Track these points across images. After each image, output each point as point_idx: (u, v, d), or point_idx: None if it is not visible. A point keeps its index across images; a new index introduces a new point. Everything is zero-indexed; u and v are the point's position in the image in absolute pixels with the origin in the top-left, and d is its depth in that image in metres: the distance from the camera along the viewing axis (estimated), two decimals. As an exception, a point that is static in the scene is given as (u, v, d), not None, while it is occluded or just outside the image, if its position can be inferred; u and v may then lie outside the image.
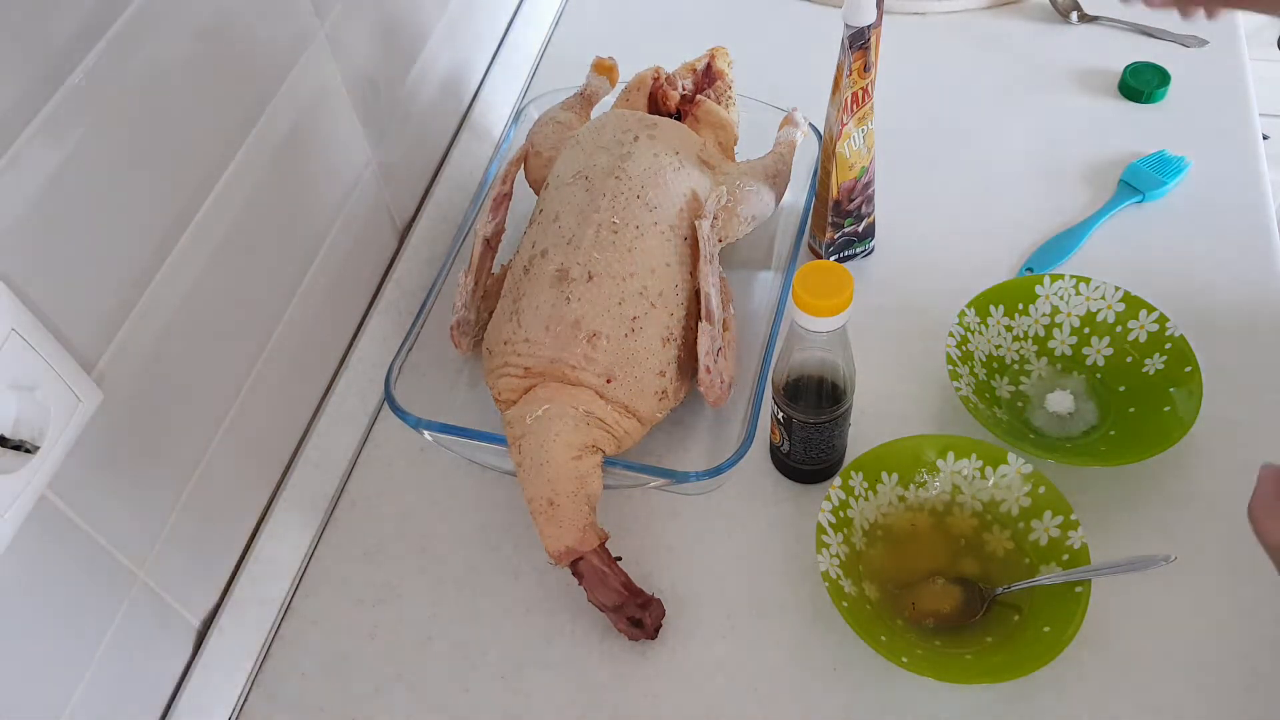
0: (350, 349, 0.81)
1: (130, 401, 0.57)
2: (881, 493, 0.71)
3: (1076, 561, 0.66)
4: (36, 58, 0.49)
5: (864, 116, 0.78)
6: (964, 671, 0.64)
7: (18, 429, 0.49)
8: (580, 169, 0.78)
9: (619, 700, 0.67)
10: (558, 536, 0.66)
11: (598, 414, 0.70)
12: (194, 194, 0.61)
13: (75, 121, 0.51)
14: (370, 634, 0.71)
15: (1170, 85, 0.97)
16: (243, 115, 0.65)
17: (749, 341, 0.81)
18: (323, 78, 0.72)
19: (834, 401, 0.69)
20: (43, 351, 0.50)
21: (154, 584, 0.62)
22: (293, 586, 0.74)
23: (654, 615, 0.68)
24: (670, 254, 0.74)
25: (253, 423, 0.70)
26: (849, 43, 0.73)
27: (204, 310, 0.63)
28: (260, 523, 0.72)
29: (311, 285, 0.75)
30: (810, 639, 0.69)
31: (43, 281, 0.51)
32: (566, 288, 0.72)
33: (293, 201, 0.71)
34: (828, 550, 0.67)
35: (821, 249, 0.86)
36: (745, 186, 0.80)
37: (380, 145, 0.82)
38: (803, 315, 0.64)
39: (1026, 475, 0.70)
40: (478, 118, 0.97)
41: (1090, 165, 0.93)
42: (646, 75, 0.87)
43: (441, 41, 0.90)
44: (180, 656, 0.66)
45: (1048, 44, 1.04)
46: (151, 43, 0.56)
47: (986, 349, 0.79)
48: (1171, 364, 0.75)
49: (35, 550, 0.52)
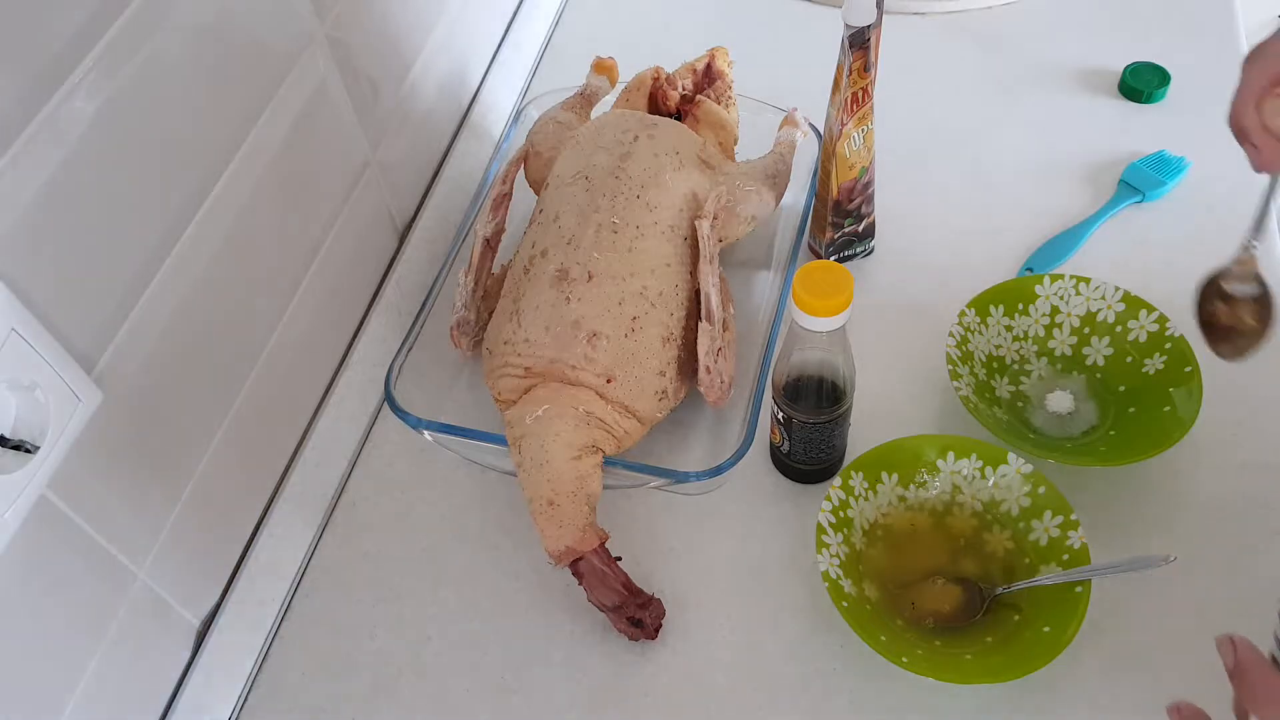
0: (350, 349, 0.81)
1: (130, 401, 0.57)
2: (881, 493, 0.71)
3: (1076, 561, 0.66)
4: (37, 57, 0.49)
5: (864, 116, 0.78)
6: (964, 671, 0.64)
7: (18, 429, 0.49)
8: (580, 169, 0.78)
9: (619, 700, 0.67)
10: (558, 536, 0.66)
11: (598, 414, 0.70)
12: (194, 194, 0.61)
13: (75, 121, 0.51)
14: (370, 634, 0.71)
15: (1170, 85, 0.97)
16: (243, 115, 0.65)
17: (749, 341, 0.81)
18: (323, 78, 0.72)
19: (834, 401, 0.69)
20: (43, 351, 0.50)
21: (154, 584, 0.62)
22: (293, 586, 0.74)
23: (654, 615, 0.68)
24: (670, 254, 0.74)
25: (253, 422, 0.70)
26: (849, 43, 0.73)
27: (204, 310, 0.63)
28: (260, 523, 0.72)
29: (311, 285, 0.75)
30: (810, 639, 0.69)
31: (43, 281, 0.51)
32: (566, 288, 0.72)
33: (292, 202, 0.71)
34: (828, 550, 0.67)
35: (821, 249, 0.86)
36: (745, 186, 0.80)
37: (380, 145, 0.82)
38: (803, 315, 0.64)
39: (1026, 475, 0.70)
40: (478, 118, 0.97)
41: (1090, 165, 0.93)
42: (646, 75, 0.87)
43: (441, 41, 0.90)
44: (180, 656, 0.66)
45: (1048, 44, 1.04)
46: (151, 43, 0.56)
47: (986, 349, 0.79)
48: (1171, 364, 0.74)
49: (35, 550, 0.52)
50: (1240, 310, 0.54)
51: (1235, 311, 0.54)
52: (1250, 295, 0.54)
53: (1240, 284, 0.55)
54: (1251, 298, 0.54)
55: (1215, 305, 0.55)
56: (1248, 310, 0.54)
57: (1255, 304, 0.55)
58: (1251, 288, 0.55)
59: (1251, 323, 0.54)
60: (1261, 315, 0.54)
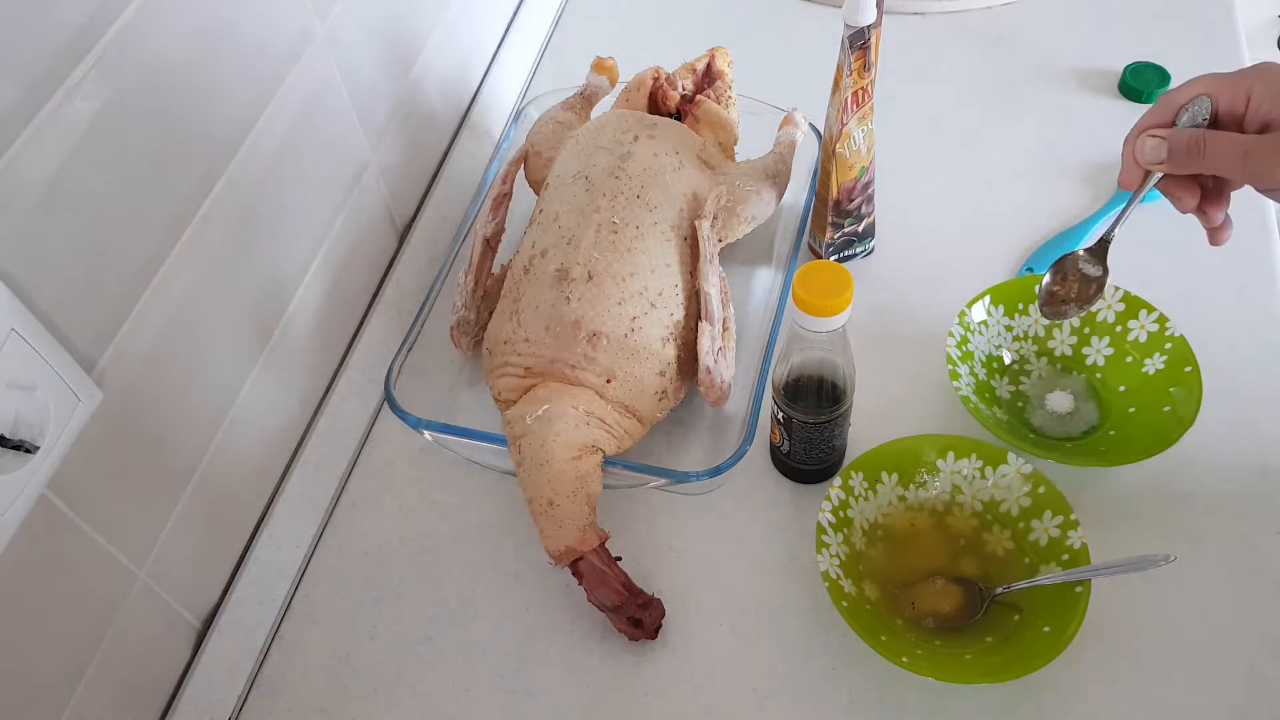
0: (350, 349, 0.81)
1: (130, 401, 0.57)
2: (881, 493, 0.71)
3: (1076, 561, 0.66)
4: (37, 57, 0.49)
5: (864, 116, 0.78)
6: (964, 671, 0.64)
7: (18, 429, 0.49)
8: (580, 169, 0.78)
9: (619, 700, 0.67)
10: (558, 536, 0.66)
11: (598, 414, 0.70)
12: (194, 194, 0.61)
13: (75, 121, 0.51)
14: (370, 634, 0.71)
15: (1170, 85, 0.97)
16: (243, 115, 0.65)
17: (749, 341, 0.81)
18: (323, 78, 0.73)
19: (834, 401, 0.69)
20: (43, 351, 0.50)
21: (154, 584, 0.62)
22: (293, 586, 0.74)
23: (654, 615, 0.68)
24: (670, 254, 0.74)
25: (252, 423, 0.70)
26: (849, 43, 0.73)
27: (204, 310, 0.63)
28: (260, 523, 0.72)
29: (311, 285, 0.75)
30: (810, 639, 0.69)
31: (43, 281, 0.51)
32: (566, 287, 0.72)
33: (292, 202, 0.71)
34: (828, 550, 0.67)
35: (821, 249, 0.86)
36: (745, 186, 0.80)
37: (380, 145, 0.82)
38: (803, 315, 0.64)
39: (1026, 475, 0.70)
40: (478, 118, 0.97)
41: (1090, 165, 0.93)
42: (646, 75, 0.87)
43: (441, 41, 0.90)
44: (180, 656, 0.66)
45: (1048, 44, 1.04)
46: (151, 43, 0.56)
47: (986, 349, 0.79)
48: (1171, 364, 0.74)
49: (35, 550, 0.52)
50: (1075, 284, 0.67)
51: (1072, 285, 0.68)
52: (1093, 275, 0.67)
53: (1089, 265, 0.67)
54: (1093, 277, 0.67)
55: (1059, 279, 0.68)
56: (1082, 285, 0.67)
57: (1092, 282, 0.67)
58: (1097, 270, 0.67)
59: (1080, 295, 0.67)
60: (1090, 292, 0.67)
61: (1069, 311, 0.68)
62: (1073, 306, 0.68)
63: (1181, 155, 0.60)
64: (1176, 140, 0.60)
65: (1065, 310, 0.68)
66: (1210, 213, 0.64)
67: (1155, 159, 0.61)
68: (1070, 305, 0.68)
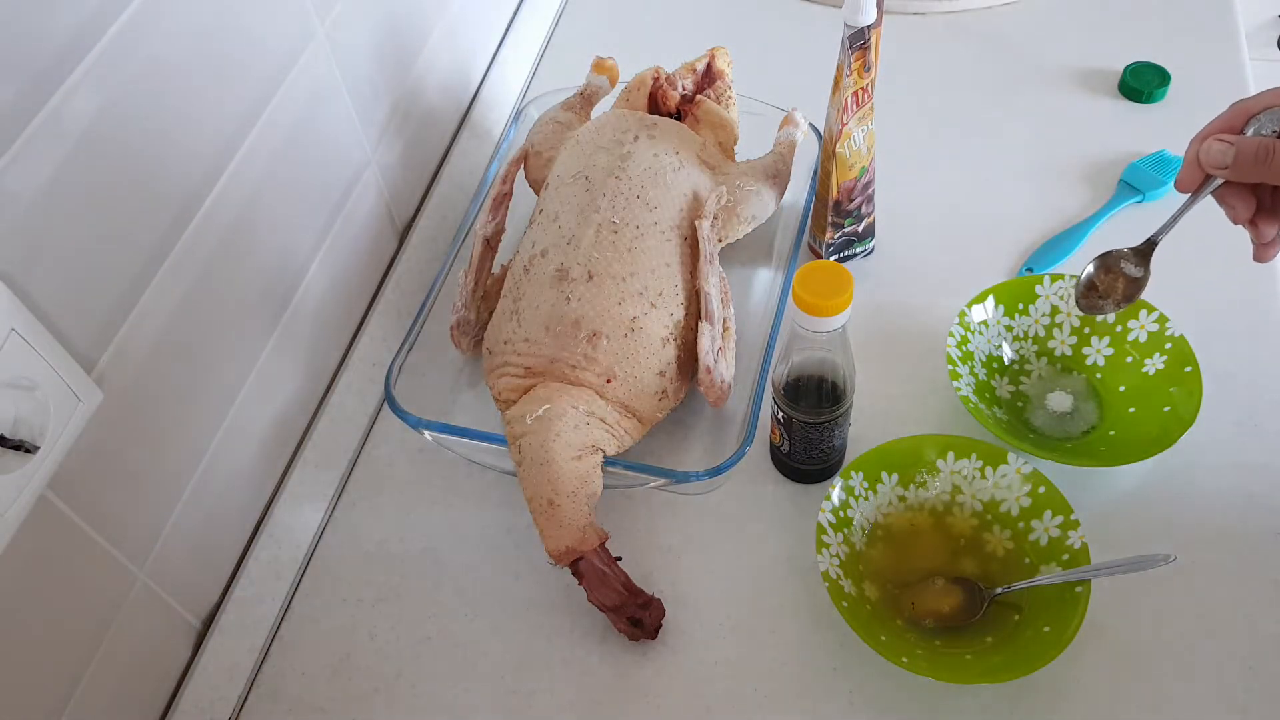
0: (350, 349, 0.81)
1: (130, 401, 0.57)
2: (881, 493, 0.71)
3: (1076, 561, 0.66)
4: (37, 57, 0.49)
5: (864, 116, 0.78)
6: (964, 671, 0.64)
7: (17, 429, 0.49)
8: (580, 169, 0.78)
9: (619, 700, 0.67)
10: (558, 536, 0.66)
11: (598, 414, 0.70)
12: (194, 194, 0.61)
13: (75, 121, 0.51)
14: (370, 634, 0.71)
15: (1170, 85, 0.97)
16: (243, 115, 0.65)
17: (749, 341, 0.81)
18: (323, 78, 0.73)
19: (834, 401, 0.69)
20: (43, 351, 0.50)
21: (154, 584, 0.62)
22: (293, 586, 0.74)
23: (654, 615, 0.68)
24: (670, 254, 0.74)
25: (252, 423, 0.70)
26: (849, 43, 0.73)
27: (203, 310, 0.63)
28: (260, 523, 0.72)
29: (311, 285, 0.75)
30: (810, 639, 0.69)
31: (43, 281, 0.51)
32: (566, 287, 0.72)
33: (292, 201, 0.71)
34: (828, 550, 0.67)
35: (821, 249, 0.86)
36: (745, 186, 0.80)
37: (380, 145, 0.82)
38: (803, 315, 0.64)
39: (1026, 475, 0.70)
40: (478, 118, 0.97)
41: (1090, 165, 0.93)
42: (646, 75, 0.87)
43: (441, 41, 0.90)
44: (180, 656, 0.66)
45: (1048, 44, 1.04)
46: (151, 43, 0.56)
47: (986, 349, 0.79)
48: (1171, 364, 0.75)
49: (35, 550, 0.52)
50: (1118, 283, 0.67)
51: (1114, 283, 0.67)
52: (1134, 275, 0.66)
53: (1132, 265, 0.66)
54: (1134, 278, 0.66)
55: (1102, 273, 0.67)
56: (1123, 285, 0.67)
57: (1133, 282, 0.66)
58: (1139, 271, 0.66)
59: (1120, 295, 0.67)
60: (1130, 291, 0.66)
61: (1105, 307, 0.67)
62: (1109, 303, 0.67)
63: (1248, 162, 0.59)
64: (1245, 147, 0.59)
65: (1102, 305, 0.67)
66: (1262, 227, 0.63)
67: (1221, 163, 0.60)
68: (1107, 302, 0.67)
